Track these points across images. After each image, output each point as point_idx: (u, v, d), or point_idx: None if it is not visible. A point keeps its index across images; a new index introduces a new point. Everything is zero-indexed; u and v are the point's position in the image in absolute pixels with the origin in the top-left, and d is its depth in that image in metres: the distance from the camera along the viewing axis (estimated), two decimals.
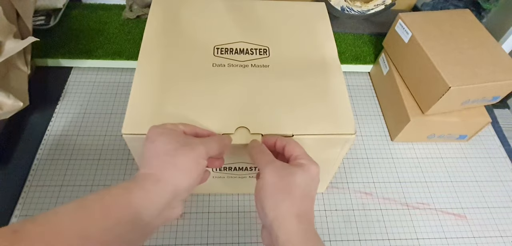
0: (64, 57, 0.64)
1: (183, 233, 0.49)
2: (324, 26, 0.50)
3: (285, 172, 0.33)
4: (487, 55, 0.55)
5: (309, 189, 0.33)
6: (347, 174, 0.57)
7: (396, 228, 0.52)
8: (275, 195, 0.32)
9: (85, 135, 0.57)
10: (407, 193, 0.56)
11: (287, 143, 0.36)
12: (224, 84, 0.42)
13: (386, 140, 0.62)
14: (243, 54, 0.45)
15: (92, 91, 0.63)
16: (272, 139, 0.37)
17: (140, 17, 0.71)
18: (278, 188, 0.32)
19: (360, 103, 0.67)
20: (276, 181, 0.32)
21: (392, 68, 0.63)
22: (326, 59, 0.46)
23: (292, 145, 0.36)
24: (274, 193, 0.32)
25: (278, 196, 0.31)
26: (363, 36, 0.74)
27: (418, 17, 0.60)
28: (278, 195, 0.31)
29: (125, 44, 0.66)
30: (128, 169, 0.54)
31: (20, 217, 0.48)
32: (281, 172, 0.33)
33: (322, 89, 0.42)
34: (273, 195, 0.32)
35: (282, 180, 0.32)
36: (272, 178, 0.32)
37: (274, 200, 0.31)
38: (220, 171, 0.45)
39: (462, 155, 0.62)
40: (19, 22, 0.54)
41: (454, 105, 0.55)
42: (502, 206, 0.56)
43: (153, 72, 0.42)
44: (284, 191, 0.32)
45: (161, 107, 0.39)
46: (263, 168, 0.33)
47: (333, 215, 0.52)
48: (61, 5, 0.69)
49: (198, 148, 0.32)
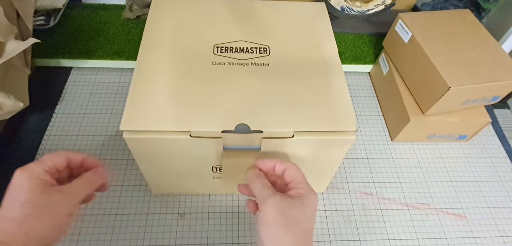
0: (64, 57, 0.64)
1: (183, 233, 0.49)
2: (324, 26, 0.50)
3: (286, 206, 0.32)
4: (487, 55, 0.55)
5: (308, 222, 0.33)
6: (347, 174, 0.57)
7: (396, 228, 0.52)
8: (276, 232, 0.31)
9: (85, 135, 0.57)
10: (407, 193, 0.56)
11: (287, 167, 0.35)
12: (224, 83, 0.42)
13: (386, 140, 0.62)
14: (243, 53, 0.45)
15: (92, 91, 0.63)
16: (270, 162, 0.36)
17: (140, 17, 0.71)
18: (279, 224, 0.31)
19: (360, 103, 0.67)
20: (277, 217, 0.32)
21: (392, 68, 0.63)
22: (327, 59, 0.46)
23: (293, 169, 0.35)
24: (275, 229, 0.31)
25: (279, 233, 0.31)
26: (363, 36, 0.74)
27: (418, 17, 0.60)
28: (279, 232, 0.31)
29: (125, 44, 0.67)
30: (128, 169, 0.54)
31: None
32: (282, 206, 0.32)
33: (323, 87, 0.42)
34: (273, 232, 0.31)
35: (283, 215, 0.32)
36: (273, 213, 0.32)
37: (274, 236, 0.31)
38: (220, 171, 0.45)
39: (462, 155, 0.62)
40: (20, 22, 0.54)
41: (454, 105, 0.55)
42: (502, 206, 0.56)
43: (153, 70, 0.42)
44: (285, 227, 0.31)
45: (160, 105, 0.39)
46: (263, 202, 0.33)
47: (333, 215, 0.52)
48: (61, 5, 0.69)
49: (59, 207, 0.30)
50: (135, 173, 0.54)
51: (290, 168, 0.36)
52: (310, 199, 0.34)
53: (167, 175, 0.46)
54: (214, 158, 0.42)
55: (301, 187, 0.34)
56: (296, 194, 0.34)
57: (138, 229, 0.48)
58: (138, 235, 0.48)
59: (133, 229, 0.48)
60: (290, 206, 0.32)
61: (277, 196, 0.33)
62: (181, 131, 0.38)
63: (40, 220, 0.29)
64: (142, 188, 0.52)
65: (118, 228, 0.48)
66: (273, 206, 0.32)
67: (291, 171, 0.35)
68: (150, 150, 0.40)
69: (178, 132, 0.38)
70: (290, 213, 0.32)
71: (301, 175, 0.35)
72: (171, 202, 0.51)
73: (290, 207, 0.32)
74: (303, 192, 0.34)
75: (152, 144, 0.39)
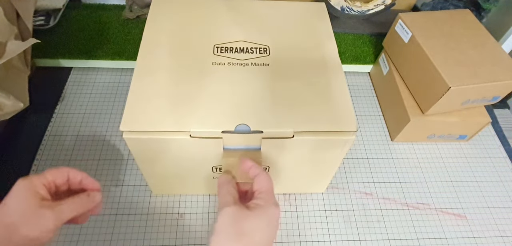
0: (64, 57, 0.64)
1: (183, 233, 0.49)
2: (324, 26, 0.50)
3: (239, 217, 0.31)
4: (487, 55, 0.55)
5: (261, 234, 0.31)
6: (347, 174, 0.57)
7: (396, 228, 0.52)
8: (222, 242, 0.30)
9: (85, 135, 0.57)
10: (407, 193, 0.56)
11: (258, 175, 0.35)
12: (224, 83, 0.42)
13: (386, 140, 0.62)
14: (243, 53, 0.45)
15: (92, 92, 0.63)
16: (248, 163, 0.36)
17: (140, 17, 0.71)
18: (226, 234, 0.31)
19: (360, 103, 0.67)
20: (226, 228, 0.31)
21: (392, 68, 0.63)
22: (327, 58, 0.46)
23: (261, 177, 0.35)
24: (221, 239, 0.31)
25: (224, 244, 0.30)
26: (363, 36, 0.74)
27: (418, 17, 0.60)
28: (225, 243, 0.30)
29: (125, 44, 0.66)
30: (128, 169, 0.54)
31: None
32: (235, 217, 0.31)
33: (323, 87, 0.42)
34: (219, 242, 0.30)
35: (233, 226, 0.31)
36: (224, 223, 0.31)
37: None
38: (220, 171, 0.45)
39: (462, 155, 0.62)
40: (20, 22, 0.54)
41: (454, 105, 0.55)
42: (502, 206, 0.56)
43: (152, 70, 0.42)
44: (232, 239, 0.30)
45: (160, 105, 0.39)
46: (220, 211, 0.32)
47: (333, 215, 0.52)
48: (61, 5, 0.69)
49: (45, 222, 0.32)
50: (135, 173, 0.54)
51: (260, 176, 0.35)
52: (267, 211, 0.32)
53: (167, 175, 0.46)
54: (214, 158, 0.42)
55: (261, 198, 0.33)
56: (253, 205, 0.33)
57: (138, 229, 0.48)
58: (138, 235, 0.48)
59: (133, 229, 0.48)
60: (243, 217, 0.32)
61: (234, 206, 0.32)
62: (181, 131, 0.38)
63: (24, 229, 0.31)
64: (142, 188, 0.52)
65: (118, 228, 0.48)
66: (226, 216, 0.32)
67: (260, 179, 0.35)
68: (150, 150, 0.40)
69: (178, 132, 0.38)
70: (241, 224, 0.31)
71: (267, 186, 0.34)
72: (171, 202, 0.51)
73: (243, 218, 0.31)
74: (261, 203, 0.33)
75: (152, 144, 0.39)
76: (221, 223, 0.31)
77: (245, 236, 0.31)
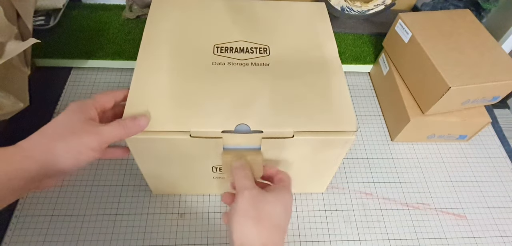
0: (64, 57, 0.64)
1: (183, 233, 0.49)
2: (324, 26, 0.50)
3: (259, 199, 0.33)
4: (487, 55, 0.55)
5: (279, 218, 0.33)
6: (347, 174, 0.57)
7: (396, 228, 0.52)
8: (244, 222, 0.32)
9: None
10: (407, 193, 0.56)
11: (281, 171, 0.38)
12: (224, 83, 0.42)
13: (386, 140, 0.62)
14: (243, 53, 0.45)
15: (92, 92, 0.63)
16: (274, 168, 0.39)
17: (140, 17, 0.71)
18: (248, 215, 0.32)
19: (360, 103, 0.67)
20: (248, 208, 0.32)
21: (392, 68, 0.63)
22: (327, 58, 0.46)
23: (284, 172, 0.38)
24: (243, 220, 0.32)
25: (247, 224, 0.31)
26: (363, 36, 0.74)
27: (418, 17, 0.60)
28: (247, 223, 0.32)
29: (125, 44, 0.67)
30: (128, 168, 0.54)
31: (21, 215, 0.48)
32: (254, 199, 0.33)
33: (323, 87, 0.42)
34: (242, 222, 0.32)
35: (254, 207, 0.32)
36: (245, 204, 0.32)
37: (242, 227, 0.32)
38: (220, 171, 0.45)
39: (462, 155, 0.62)
40: (20, 22, 0.54)
41: (454, 105, 0.55)
42: (502, 206, 0.56)
43: (152, 70, 0.42)
44: (254, 219, 0.32)
45: (160, 105, 0.39)
46: (239, 192, 0.33)
47: (333, 215, 0.52)
48: (61, 5, 0.69)
49: (88, 138, 0.33)
50: (135, 173, 0.54)
51: (282, 172, 0.38)
52: (285, 196, 0.34)
53: (167, 175, 0.46)
54: (214, 158, 0.42)
55: (281, 186, 0.35)
56: (272, 189, 0.35)
57: (138, 229, 0.48)
58: (138, 235, 0.48)
59: (133, 229, 0.48)
60: (263, 200, 0.33)
61: (254, 189, 0.34)
62: (181, 131, 0.38)
63: (65, 142, 0.32)
64: (142, 188, 0.52)
65: (118, 228, 0.48)
66: (247, 198, 0.33)
67: (282, 173, 0.38)
68: (150, 150, 0.40)
69: (178, 132, 0.38)
70: (262, 206, 0.33)
71: (288, 178, 0.37)
72: (171, 202, 0.51)
73: (263, 200, 0.33)
74: (280, 189, 0.35)
75: (152, 144, 0.39)
76: (241, 203, 0.33)
77: (265, 218, 0.32)
